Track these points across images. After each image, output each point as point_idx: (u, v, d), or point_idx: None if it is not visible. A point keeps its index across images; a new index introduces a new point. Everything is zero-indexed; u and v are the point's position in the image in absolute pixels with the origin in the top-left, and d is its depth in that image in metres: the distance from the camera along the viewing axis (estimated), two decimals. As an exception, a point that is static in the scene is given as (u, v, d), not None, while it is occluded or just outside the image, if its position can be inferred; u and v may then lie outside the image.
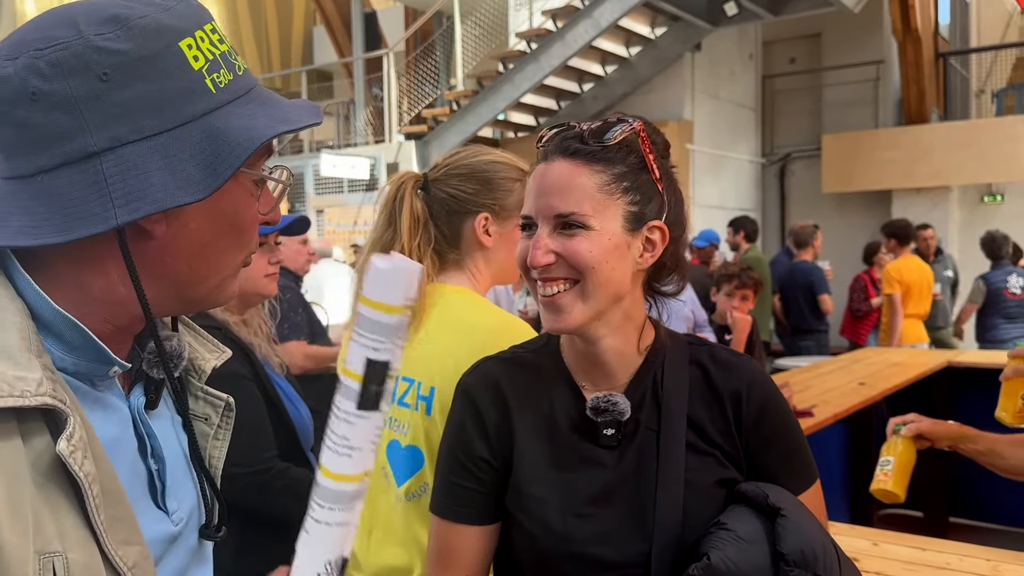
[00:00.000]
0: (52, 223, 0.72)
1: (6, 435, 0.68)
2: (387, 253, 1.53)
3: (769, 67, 12.48)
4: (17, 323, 0.72)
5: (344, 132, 14.00)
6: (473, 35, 10.62)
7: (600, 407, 1.15)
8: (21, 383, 0.68)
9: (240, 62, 0.81)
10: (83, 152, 0.72)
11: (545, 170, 1.15)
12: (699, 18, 9.36)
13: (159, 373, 0.86)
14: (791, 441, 1.21)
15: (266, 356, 2.12)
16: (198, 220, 0.79)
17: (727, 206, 10.91)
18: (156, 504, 0.85)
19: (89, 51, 0.71)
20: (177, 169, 0.73)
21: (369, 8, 14.45)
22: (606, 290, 1.12)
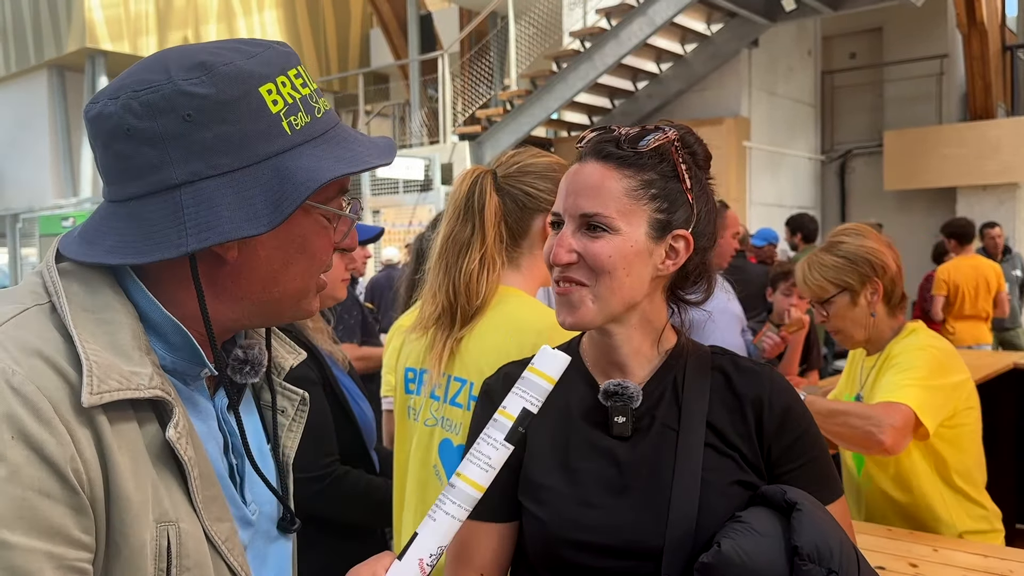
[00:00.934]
0: (134, 245, 0.82)
1: (125, 420, 0.79)
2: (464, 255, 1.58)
3: (829, 62, 12.25)
4: (128, 324, 0.82)
5: (400, 133, 14.14)
6: (527, 35, 10.64)
7: (610, 390, 1.17)
8: (136, 377, 0.78)
9: (322, 104, 0.89)
10: (166, 184, 0.81)
11: (578, 170, 1.18)
12: (756, 14, 9.23)
13: (242, 378, 0.97)
14: (814, 450, 1.20)
15: (331, 353, 2.17)
16: (267, 249, 0.87)
17: (785, 204, 10.75)
18: (237, 495, 0.95)
19: (176, 94, 0.81)
20: (246, 204, 0.81)
21: (424, 10, 14.57)
22: (619, 295, 1.14)
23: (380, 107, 15.39)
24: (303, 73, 0.88)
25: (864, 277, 2.18)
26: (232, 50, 0.84)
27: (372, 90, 14.85)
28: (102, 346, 0.78)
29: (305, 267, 0.90)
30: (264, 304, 0.90)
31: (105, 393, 0.75)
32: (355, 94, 13.40)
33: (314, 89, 0.89)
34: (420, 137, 12.03)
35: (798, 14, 9.13)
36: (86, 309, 0.81)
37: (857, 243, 2.20)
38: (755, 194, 10.57)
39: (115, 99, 0.82)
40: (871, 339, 2.23)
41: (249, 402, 1.03)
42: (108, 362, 0.77)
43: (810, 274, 2.22)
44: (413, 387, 1.77)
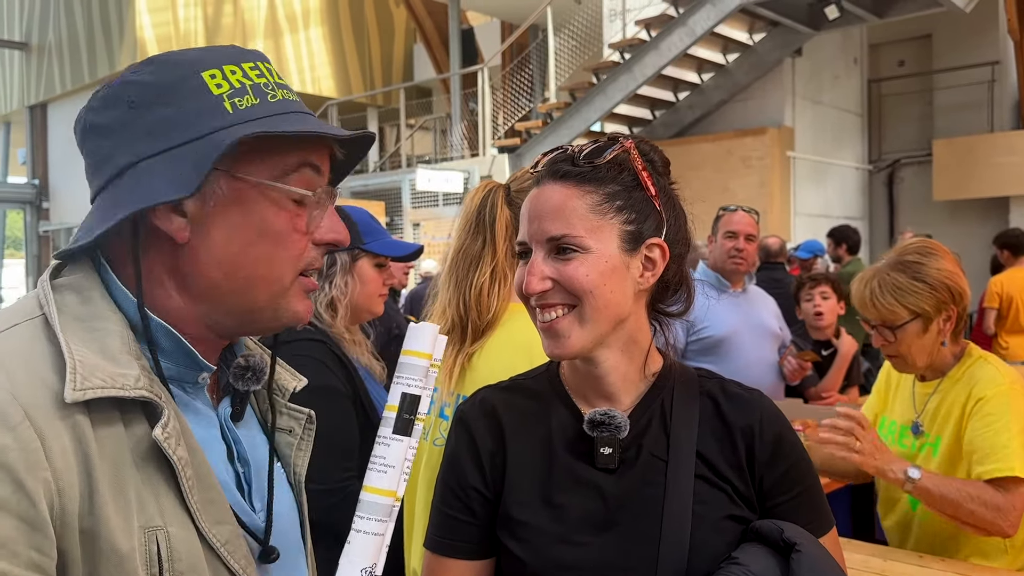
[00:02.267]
0: (86, 229, 0.84)
1: (110, 422, 0.77)
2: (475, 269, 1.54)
3: (876, 71, 12.04)
4: (118, 331, 0.82)
5: (441, 146, 14.22)
6: (567, 47, 10.63)
7: (596, 420, 1.11)
8: (122, 378, 0.77)
9: (280, 93, 0.87)
10: (117, 168, 0.84)
11: (537, 194, 1.13)
12: (799, 22, 9.10)
13: (244, 385, 0.94)
14: (806, 480, 1.15)
15: (368, 367, 2.17)
16: (220, 229, 0.84)
17: (831, 215, 10.56)
18: (245, 505, 0.92)
19: (122, 85, 0.85)
20: (175, 174, 0.81)
21: (467, 24, 14.67)
22: (605, 314, 1.09)
23: (422, 120, 15.50)
24: (264, 69, 0.87)
25: (941, 304, 2.01)
26: (189, 49, 0.88)
27: (414, 104, 14.97)
28: (91, 350, 0.78)
29: (269, 252, 0.85)
30: (232, 296, 0.86)
31: (88, 390, 0.74)
32: (397, 108, 13.51)
33: (275, 82, 0.87)
34: (460, 150, 12.08)
35: (842, 22, 8.98)
36: (77, 318, 0.80)
37: (936, 266, 2.02)
38: (800, 205, 10.40)
39: (85, 106, 0.87)
40: (931, 365, 2.09)
41: (254, 421, 0.99)
42: (94, 363, 0.76)
43: (881, 296, 2.03)
44: None
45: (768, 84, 10.19)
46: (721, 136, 10.25)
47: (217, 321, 0.88)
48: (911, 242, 2.12)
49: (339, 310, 2.05)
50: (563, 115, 9.58)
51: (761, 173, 9.89)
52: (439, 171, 10.39)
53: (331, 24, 16.06)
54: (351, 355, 2.09)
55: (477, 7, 13.92)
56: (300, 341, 1.97)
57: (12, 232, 24.12)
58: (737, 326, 3.29)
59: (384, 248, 2.12)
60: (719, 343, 3.20)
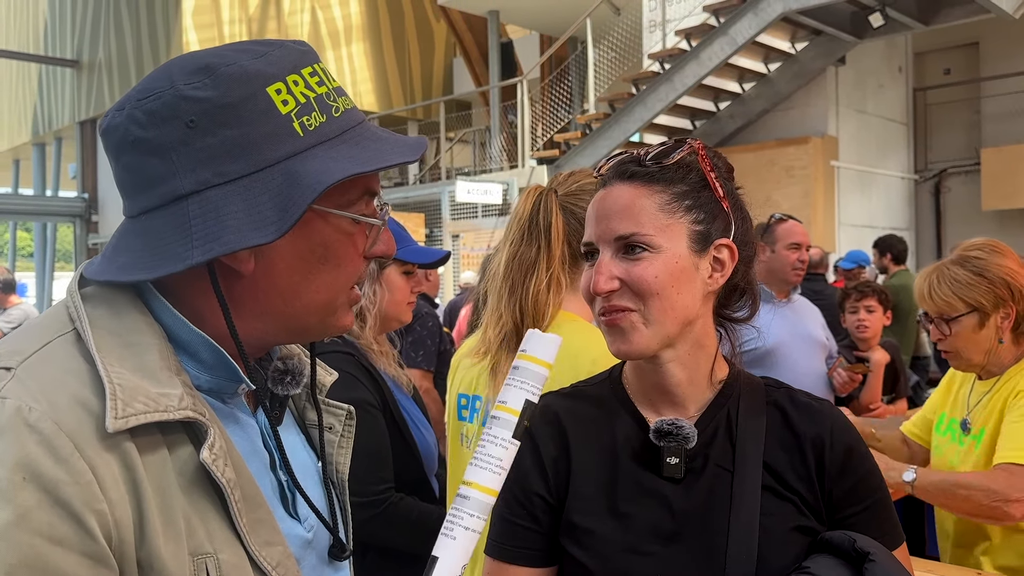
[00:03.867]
0: (144, 261, 0.78)
1: (154, 447, 0.74)
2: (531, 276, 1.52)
3: (921, 79, 11.84)
4: (156, 345, 0.78)
5: (480, 158, 14.28)
6: (607, 59, 10.61)
7: (664, 430, 1.08)
8: (164, 399, 0.74)
9: (341, 103, 0.83)
10: (174, 194, 0.77)
11: (604, 195, 1.12)
12: (843, 31, 8.99)
13: (284, 389, 0.92)
14: (877, 493, 1.12)
15: (395, 377, 2.16)
16: (286, 259, 0.81)
17: (876, 225, 10.39)
18: (289, 512, 0.90)
19: (178, 100, 0.77)
20: (254, 211, 0.76)
21: (506, 38, 14.73)
22: (672, 315, 1.07)
23: (461, 133, 15.59)
24: (320, 71, 0.82)
25: (999, 300, 1.98)
26: (239, 51, 0.80)
27: (454, 117, 15.06)
28: (129, 369, 0.74)
29: (330, 278, 0.84)
30: (287, 318, 0.85)
31: (131, 416, 0.70)
32: (437, 121, 13.61)
33: (333, 87, 0.83)
34: (499, 162, 12.12)
35: (887, 30, 8.85)
36: (112, 332, 0.76)
37: (995, 261, 2.01)
38: (844, 215, 10.24)
39: (121, 110, 0.79)
40: (988, 364, 2.05)
41: (292, 420, 0.98)
42: (134, 384, 0.73)
43: (938, 288, 2.02)
44: (466, 414, 1.73)
45: (811, 93, 10.07)
46: (763, 146, 10.15)
47: (265, 339, 0.87)
48: (976, 240, 2.10)
49: (367, 320, 2.04)
50: (602, 126, 9.55)
51: (804, 183, 9.76)
52: (478, 183, 10.42)
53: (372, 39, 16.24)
54: (378, 366, 2.08)
55: (516, 21, 13.97)
56: (329, 354, 1.96)
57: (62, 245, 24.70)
58: (784, 337, 3.23)
59: (411, 255, 2.10)
60: (767, 354, 3.14)
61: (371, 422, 1.97)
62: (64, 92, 17.69)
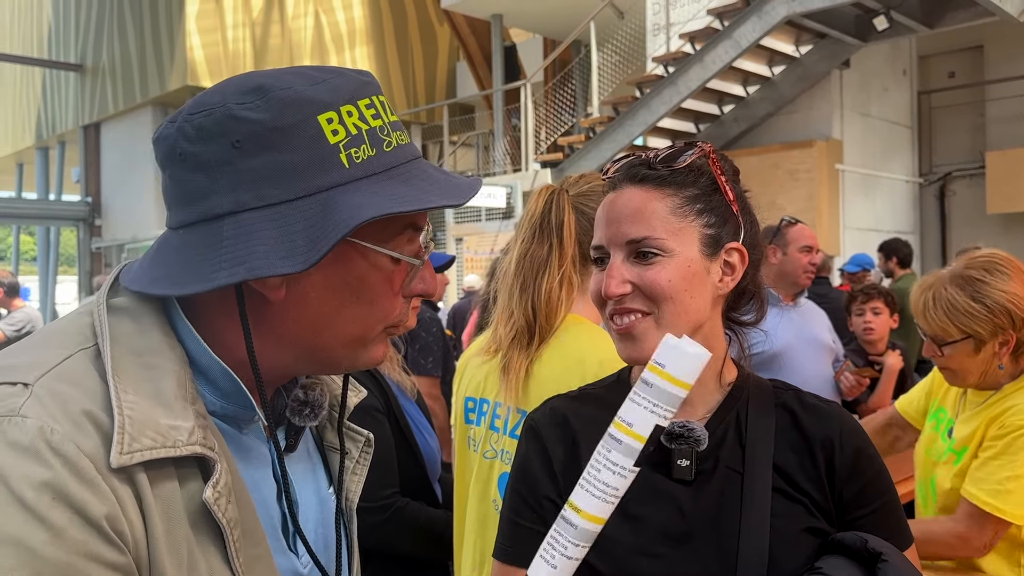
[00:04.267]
0: (174, 277, 0.77)
1: (166, 477, 0.73)
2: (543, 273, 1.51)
3: (925, 82, 11.83)
4: (175, 370, 0.76)
5: (484, 162, 14.27)
6: (610, 62, 10.61)
7: (675, 432, 1.07)
8: (174, 432, 0.73)
9: (395, 137, 0.81)
10: (212, 212, 0.77)
11: (614, 198, 1.11)
12: (847, 34, 8.97)
13: (301, 421, 0.90)
14: (886, 495, 1.11)
15: (399, 383, 2.15)
16: (317, 290, 0.80)
17: (881, 228, 10.36)
18: (288, 546, 0.88)
19: (227, 118, 0.76)
20: (286, 239, 0.75)
21: (509, 41, 14.73)
22: (684, 319, 1.07)
23: (465, 137, 15.59)
24: (378, 104, 0.81)
25: (998, 329, 1.85)
26: (297, 75, 0.78)
27: (457, 120, 15.06)
28: (144, 395, 0.73)
29: (362, 313, 0.82)
30: (315, 350, 0.83)
31: (136, 452, 0.70)
32: (440, 125, 13.61)
33: (389, 122, 0.81)
34: (503, 165, 12.11)
35: (891, 33, 8.83)
36: (133, 352, 0.75)
37: (1000, 287, 1.85)
38: (849, 218, 10.22)
39: (173, 122, 0.79)
40: (984, 383, 1.97)
41: (309, 444, 0.96)
42: (145, 416, 0.72)
43: (934, 310, 1.90)
44: (473, 416, 1.72)
45: (815, 96, 10.05)
46: (768, 149, 10.13)
47: (292, 369, 0.86)
48: (980, 254, 1.95)
49: None
50: (606, 129, 9.55)
51: (809, 186, 9.74)
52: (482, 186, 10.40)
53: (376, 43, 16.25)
54: (383, 371, 2.07)
55: (520, 24, 13.97)
56: None
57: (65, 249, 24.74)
58: (791, 340, 3.22)
59: None
60: (774, 358, 3.12)
61: (377, 427, 1.96)
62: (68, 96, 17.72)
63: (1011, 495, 1.80)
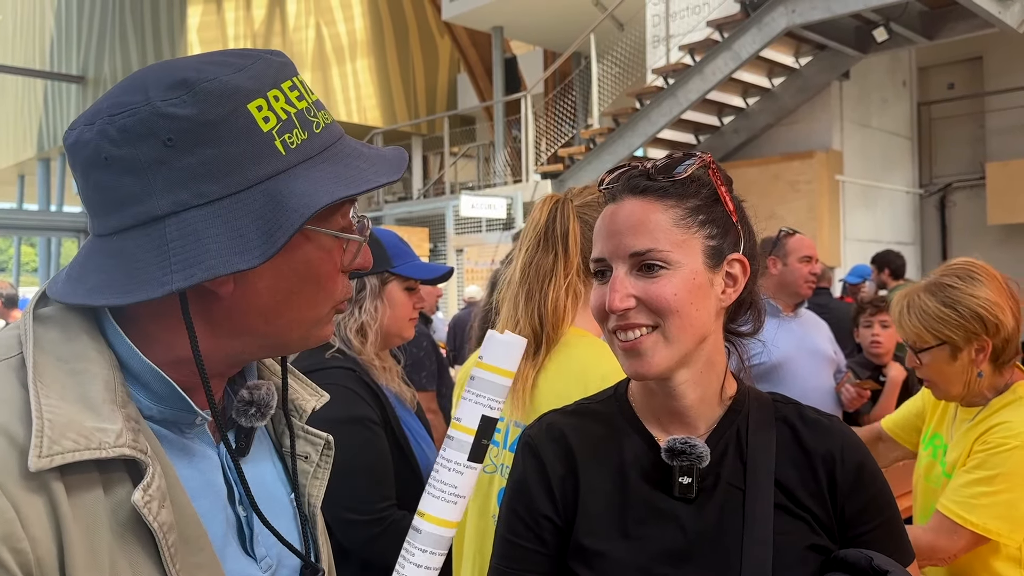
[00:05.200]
0: (118, 284, 0.74)
1: (86, 485, 0.69)
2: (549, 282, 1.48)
3: (925, 93, 11.84)
4: (103, 375, 0.73)
5: (484, 173, 14.29)
6: (611, 74, 10.63)
7: (676, 449, 1.05)
8: (100, 434, 0.69)
9: (321, 117, 0.80)
10: (150, 215, 0.74)
11: (615, 210, 1.09)
12: (847, 46, 8.99)
13: (248, 421, 0.86)
14: (888, 510, 1.10)
15: (399, 394, 2.13)
16: (266, 280, 0.78)
17: (882, 239, 10.36)
18: (245, 551, 0.85)
19: (154, 117, 0.73)
20: (236, 235, 0.73)
21: (510, 53, 14.78)
22: (690, 332, 1.05)
23: (465, 148, 15.62)
24: (299, 84, 0.79)
25: (971, 334, 1.85)
26: (218, 64, 0.76)
27: (458, 132, 15.09)
28: (69, 400, 0.70)
29: (311, 296, 0.81)
30: (267, 336, 0.82)
31: (56, 456, 0.66)
32: (441, 136, 13.64)
33: (313, 101, 0.80)
34: (503, 176, 12.12)
35: (891, 44, 8.85)
36: (59, 359, 0.72)
37: (970, 292, 1.86)
38: (850, 229, 10.22)
39: (91, 125, 0.75)
40: (968, 396, 1.95)
41: (267, 447, 0.94)
42: (67, 419, 0.68)
43: (908, 317, 1.93)
44: None
45: (815, 108, 10.06)
46: (768, 160, 10.14)
47: (243, 357, 0.84)
48: (956, 263, 1.97)
49: (369, 336, 2.01)
50: (606, 140, 9.55)
51: (809, 197, 9.74)
52: (482, 197, 10.42)
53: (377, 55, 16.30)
54: (381, 382, 2.05)
55: (520, 36, 14.01)
56: (330, 369, 1.93)
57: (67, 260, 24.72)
58: (791, 352, 3.20)
59: (414, 271, 2.08)
60: (773, 369, 3.11)
61: (372, 438, 1.94)
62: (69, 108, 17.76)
63: (980, 508, 1.78)
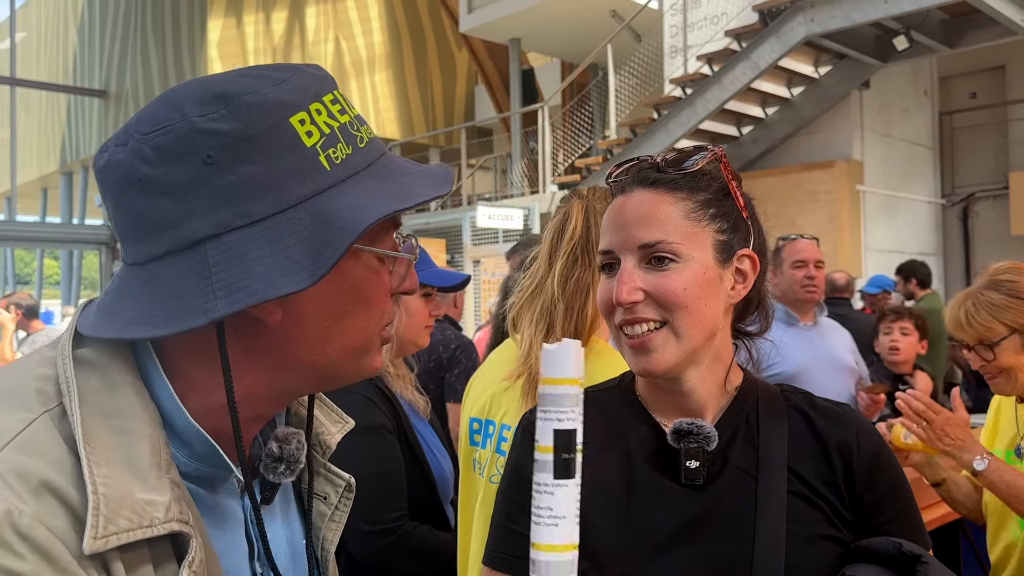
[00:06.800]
0: (158, 315, 0.69)
1: (139, 562, 0.66)
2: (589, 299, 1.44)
3: (947, 103, 11.73)
4: (148, 435, 0.69)
5: (501, 184, 14.30)
6: (628, 84, 10.60)
7: (683, 429, 1.03)
8: (151, 509, 0.65)
9: (364, 132, 0.77)
10: (189, 239, 0.69)
11: (623, 202, 1.06)
12: (867, 55, 8.91)
13: (276, 478, 0.82)
14: (904, 498, 1.07)
15: (411, 402, 2.11)
16: (316, 305, 0.74)
17: (904, 250, 10.24)
18: None
19: (192, 133, 0.68)
20: (282, 256, 0.68)
21: (527, 65, 14.80)
22: (699, 328, 1.02)
23: (482, 160, 15.64)
24: (340, 98, 0.75)
25: None
26: (255, 77, 0.71)
27: (475, 143, 15.11)
28: (116, 465, 0.66)
29: (362, 320, 0.77)
30: (318, 367, 0.77)
31: (111, 536, 0.62)
32: (458, 148, 13.66)
33: (355, 115, 0.76)
34: (520, 187, 12.11)
35: (912, 53, 8.76)
36: (102, 413, 0.68)
37: None
38: (871, 240, 10.11)
39: (123, 145, 0.70)
40: None
41: (287, 490, 0.89)
42: (120, 493, 0.64)
43: (976, 314, 2.05)
44: (478, 439, 1.67)
45: (835, 117, 9.98)
46: (788, 170, 10.06)
47: (289, 392, 0.79)
48: (1000, 265, 2.15)
49: None
50: (623, 151, 9.52)
51: (830, 207, 9.65)
52: (499, 208, 10.40)
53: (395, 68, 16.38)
54: (395, 390, 2.03)
55: (538, 48, 14.03)
56: None
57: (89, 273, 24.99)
58: (809, 361, 3.13)
59: (430, 277, 2.06)
60: (790, 379, 3.03)
61: (386, 447, 1.92)
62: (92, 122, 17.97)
63: None
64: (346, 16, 15.84)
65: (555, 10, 11.90)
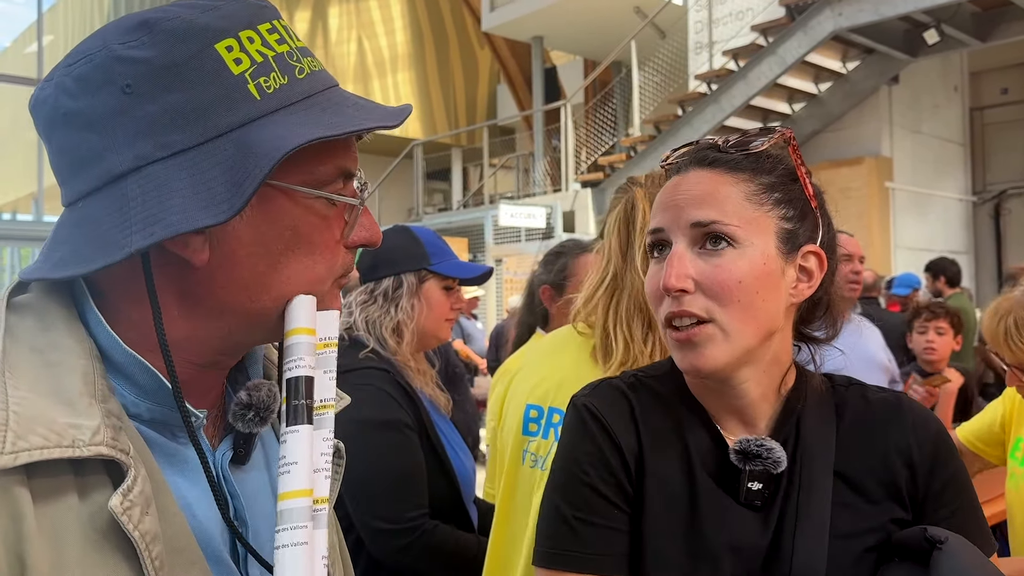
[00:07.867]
0: (79, 254, 0.67)
1: (56, 490, 0.61)
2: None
3: (978, 98, 11.54)
4: (80, 366, 0.66)
5: (524, 183, 14.24)
6: (652, 81, 10.51)
7: (750, 451, 0.93)
8: (74, 431, 0.61)
9: (307, 63, 0.71)
10: (112, 173, 0.66)
11: (678, 181, 0.97)
12: (896, 49, 8.76)
13: (246, 427, 0.77)
14: (966, 493, 0.98)
15: (432, 398, 2.05)
16: (247, 246, 0.69)
17: (934, 248, 10.07)
18: (239, 570, 0.75)
19: (111, 62, 0.65)
20: (202, 188, 0.65)
21: (549, 64, 14.73)
22: (753, 327, 0.92)
23: (505, 159, 15.60)
24: (280, 27, 0.70)
25: None
26: (185, 6, 0.68)
27: (497, 142, 15.07)
28: (42, 393, 0.63)
29: (303, 268, 0.72)
30: (255, 315, 0.72)
31: (21, 452, 0.58)
32: (481, 147, 13.62)
33: (297, 47, 0.71)
34: (543, 186, 12.05)
35: (942, 47, 8.60)
36: (34, 349, 0.65)
37: None
38: (900, 237, 9.95)
39: (50, 80, 0.68)
40: None
41: (272, 455, 0.83)
42: (37, 412, 0.61)
43: (1019, 338, 1.86)
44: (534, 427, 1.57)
45: (864, 113, 9.83)
46: (816, 167, 9.90)
47: (236, 342, 0.74)
48: None
49: (404, 335, 1.93)
50: (647, 148, 9.43)
51: (859, 204, 9.51)
52: (521, 207, 10.35)
53: (418, 68, 16.37)
54: (415, 385, 1.97)
55: (560, 46, 13.96)
56: (365, 370, 1.85)
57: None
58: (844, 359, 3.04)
59: (453, 269, 2.00)
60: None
61: (406, 443, 1.86)
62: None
63: None
64: (368, 16, 15.85)
65: (578, 7, 11.82)
